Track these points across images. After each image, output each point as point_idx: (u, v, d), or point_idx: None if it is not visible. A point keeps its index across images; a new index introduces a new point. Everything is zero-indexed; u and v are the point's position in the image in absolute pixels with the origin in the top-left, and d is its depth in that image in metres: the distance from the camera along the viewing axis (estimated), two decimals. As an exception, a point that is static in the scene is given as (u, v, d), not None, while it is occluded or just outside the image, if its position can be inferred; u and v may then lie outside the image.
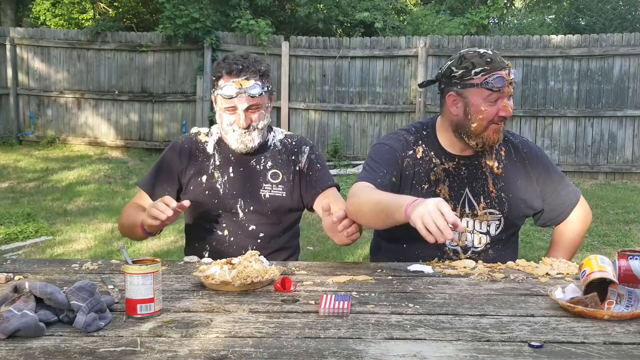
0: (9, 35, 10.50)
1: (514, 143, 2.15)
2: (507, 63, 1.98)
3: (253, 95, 2.08)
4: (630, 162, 8.82)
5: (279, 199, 2.21)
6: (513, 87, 1.97)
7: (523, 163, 2.12)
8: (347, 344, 1.25)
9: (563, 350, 1.22)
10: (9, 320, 1.26)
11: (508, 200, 2.08)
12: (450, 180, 2.07)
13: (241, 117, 2.09)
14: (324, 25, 11.39)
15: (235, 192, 2.19)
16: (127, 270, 1.42)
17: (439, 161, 2.08)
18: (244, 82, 2.08)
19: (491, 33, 12.37)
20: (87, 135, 10.48)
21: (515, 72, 1.97)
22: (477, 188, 2.07)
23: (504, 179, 2.09)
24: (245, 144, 2.14)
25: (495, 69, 1.94)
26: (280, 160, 2.25)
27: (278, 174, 2.22)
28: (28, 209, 6.40)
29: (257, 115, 2.13)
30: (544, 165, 2.15)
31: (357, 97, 9.59)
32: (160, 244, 5.41)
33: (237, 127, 2.11)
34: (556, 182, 2.15)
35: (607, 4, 13.96)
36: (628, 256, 1.58)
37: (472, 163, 2.09)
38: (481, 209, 2.06)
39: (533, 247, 5.08)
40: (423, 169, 2.07)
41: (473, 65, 1.96)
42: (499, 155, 2.11)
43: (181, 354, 1.20)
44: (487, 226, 2.08)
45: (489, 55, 1.96)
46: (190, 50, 10.02)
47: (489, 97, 1.95)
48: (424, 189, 2.06)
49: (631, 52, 8.72)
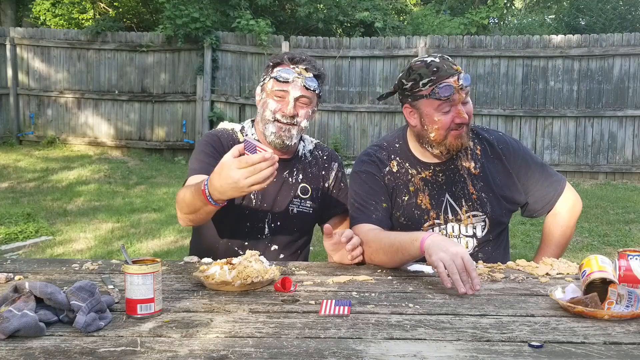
0: (9, 35, 10.51)
1: (489, 140, 2.11)
2: (457, 68, 1.94)
3: (308, 87, 2.01)
4: (630, 162, 8.82)
5: (306, 216, 2.14)
6: (465, 93, 1.93)
7: (500, 159, 2.09)
8: (347, 344, 1.25)
9: (563, 350, 1.22)
10: (9, 320, 1.26)
11: (489, 199, 2.06)
12: (430, 188, 2.05)
13: (290, 104, 2.00)
14: (324, 25, 11.39)
15: (265, 204, 2.08)
16: (127, 270, 1.42)
17: (415, 171, 2.06)
18: (302, 71, 2.03)
19: (491, 33, 12.37)
20: (87, 135, 10.49)
21: (465, 76, 1.93)
22: (457, 192, 2.05)
23: (482, 179, 2.06)
24: (282, 139, 2.02)
25: (442, 77, 1.91)
26: (310, 174, 2.17)
27: (307, 189, 2.15)
28: (28, 209, 6.40)
29: (304, 111, 2.04)
30: (522, 158, 2.11)
31: (357, 97, 9.60)
32: (161, 244, 5.41)
33: (281, 115, 2.01)
34: (538, 173, 2.11)
35: (607, 4, 13.95)
36: (628, 256, 1.58)
37: (449, 168, 2.06)
38: (464, 212, 2.05)
39: (533, 247, 5.08)
40: (401, 181, 2.06)
41: (420, 77, 1.94)
42: (474, 154, 2.08)
43: (181, 354, 1.20)
44: (472, 229, 2.05)
45: (436, 64, 1.93)
46: (190, 50, 10.02)
47: (439, 106, 1.93)
48: (404, 200, 2.04)
49: (631, 52, 8.72)
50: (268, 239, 2.11)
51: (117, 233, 5.82)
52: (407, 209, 2.04)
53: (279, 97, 2.02)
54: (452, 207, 2.04)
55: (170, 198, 7.19)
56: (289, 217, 2.11)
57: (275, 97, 2.02)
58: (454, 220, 2.04)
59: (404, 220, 2.04)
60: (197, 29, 9.64)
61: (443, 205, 2.04)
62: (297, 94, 2.01)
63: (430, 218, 2.04)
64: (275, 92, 2.02)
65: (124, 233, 5.81)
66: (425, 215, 2.04)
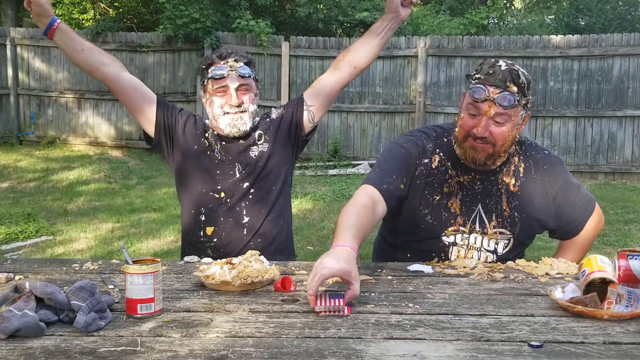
0: (10, 35, 10.51)
1: (535, 158, 2.04)
2: (508, 85, 1.84)
3: (243, 75, 2.17)
4: (630, 162, 8.82)
5: (264, 154, 2.25)
6: (499, 113, 1.83)
7: (542, 181, 2.02)
8: (347, 343, 1.25)
9: (563, 350, 1.22)
10: (10, 320, 1.27)
11: (521, 220, 2.00)
12: (464, 194, 2.00)
13: (233, 96, 2.15)
14: (324, 26, 11.39)
15: (231, 157, 2.23)
16: (127, 270, 1.42)
17: (455, 173, 2.00)
18: (233, 63, 2.18)
19: (491, 33, 12.37)
20: (88, 135, 10.49)
21: (505, 96, 1.82)
22: (490, 205, 2.00)
23: (519, 198, 2.00)
24: (237, 127, 2.17)
25: (487, 81, 1.85)
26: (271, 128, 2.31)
27: (261, 135, 2.27)
28: (28, 209, 6.40)
29: (248, 97, 2.19)
30: (563, 180, 2.06)
31: (357, 97, 9.59)
32: (161, 244, 5.41)
33: (229, 107, 2.16)
34: (574, 195, 2.07)
35: (606, 4, 13.95)
36: (628, 256, 1.58)
37: (488, 178, 2.00)
38: (492, 227, 2.00)
39: (533, 247, 5.06)
40: (437, 179, 2.00)
41: (478, 71, 1.91)
42: (517, 171, 2.01)
43: (181, 353, 1.20)
44: (495, 244, 2.01)
45: (497, 69, 1.86)
46: (190, 50, 10.03)
47: (468, 105, 1.88)
48: (436, 200, 1.99)
49: (631, 52, 8.71)
50: (239, 180, 2.22)
51: (117, 233, 5.82)
52: (435, 209, 1.99)
53: (222, 93, 2.18)
54: (480, 219, 2.00)
55: (170, 198, 7.19)
56: (252, 160, 2.23)
57: (218, 93, 2.18)
58: (480, 232, 2.00)
59: (430, 218, 1.99)
60: (197, 29, 9.64)
61: (473, 215, 2.00)
62: (236, 84, 2.17)
63: (456, 223, 1.99)
64: (217, 89, 2.18)
65: (124, 233, 5.81)
66: (452, 220, 1.99)
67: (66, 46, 2.12)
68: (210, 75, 2.18)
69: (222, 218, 2.20)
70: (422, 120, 9.11)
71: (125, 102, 2.24)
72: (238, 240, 2.19)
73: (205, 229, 2.21)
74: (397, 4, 2.19)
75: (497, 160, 1.97)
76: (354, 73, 2.32)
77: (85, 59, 2.14)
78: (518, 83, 1.86)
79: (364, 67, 2.34)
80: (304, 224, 6.08)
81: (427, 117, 9.23)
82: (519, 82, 1.86)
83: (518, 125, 1.92)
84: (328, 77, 2.32)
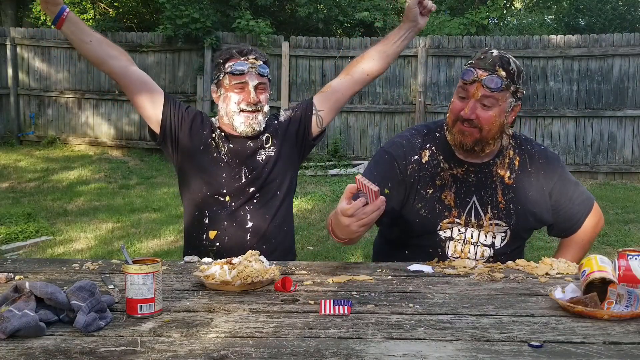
0: (10, 35, 10.51)
1: (531, 152, 2.06)
2: (498, 70, 1.88)
3: (262, 73, 2.15)
4: (630, 162, 8.82)
5: (270, 158, 2.24)
6: (486, 95, 1.87)
7: (537, 175, 2.04)
8: (347, 343, 1.25)
9: (563, 350, 1.22)
10: (10, 320, 1.27)
11: (516, 212, 2.01)
12: (457, 186, 2.00)
13: (252, 93, 2.13)
14: (324, 25, 11.40)
15: (238, 160, 2.20)
16: (127, 270, 1.42)
17: (447, 166, 2.01)
18: (254, 60, 2.15)
19: (491, 33, 12.36)
20: (88, 135, 10.49)
21: (492, 78, 1.86)
22: (485, 197, 2.01)
23: (514, 190, 2.02)
24: (252, 126, 2.15)
25: (478, 65, 1.90)
26: (278, 131, 2.29)
27: (269, 138, 2.24)
28: (28, 209, 6.40)
29: (264, 96, 2.17)
30: (559, 175, 2.07)
31: (357, 97, 9.58)
32: (161, 244, 5.41)
33: (246, 104, 2.13)
34: (571, 191, 2.08)
35: (606, 4, 13.94)
36: (628, 256, 1.58)
37: (482, 171, 2.01)
38: (487, 219, 2.00)
39: (533, 247, 5.08)
40: (428, 173, 2.01)
41: (472, 57, 1.96)
42: (512, 164, 2.03)
43: (181, 353, 1.20)
44: (492, 238, 2.01)
45: (488, 55, 1.92)
46: (190, 50, 10.02)
47: (459, 88, 1.93)
48: (429, 193, 2.00)
49: (631, 52, 8.72)
50: (245, 184, 2.19)
51: (117, 233, 5.82)
52: (429, 202, 2.00)
53: (239, 89, 2.14)
54: (476, 211, 2.00)
55: (170, 198, 7.19)
56: (259, 164, 2.20)
57: (236, 89, 2.14)
58: (475, 225, 2.00)
59: (424, 212, 2.00)
60: (197, 29, 9.64)
61: (468, 207, 2.00)
62: (255, 82, 2.14)
63: (451, 215, 2.00)
64: (235, 85, 2.14)
65: (124, 233, 5.81)
66: (447, 212, 2.00)
67: (74, 37, 2.08)
68: (229, 70, 2.13)
69: (225, 222, 2.17)
70: (422, 120, 9.11)
71: (132, 97, 2.19)
72: (241, 244, 2.14)
73: (208, 233, 2.18)
74: (415, 13, 2.15)
75: (486, 148, 1.97)
76: (367, 80, 2.30)
77: (94, 50, 2.10)
78: (507, 69, 1.90)
79: (377, 75, 2.31)
80: (304, 224, 6.08)
81: (427, 117, 9.22)
82: (508, 68, 1.90)
83: (506, 113, 1.94)
84: (339, 82, 2.29)
